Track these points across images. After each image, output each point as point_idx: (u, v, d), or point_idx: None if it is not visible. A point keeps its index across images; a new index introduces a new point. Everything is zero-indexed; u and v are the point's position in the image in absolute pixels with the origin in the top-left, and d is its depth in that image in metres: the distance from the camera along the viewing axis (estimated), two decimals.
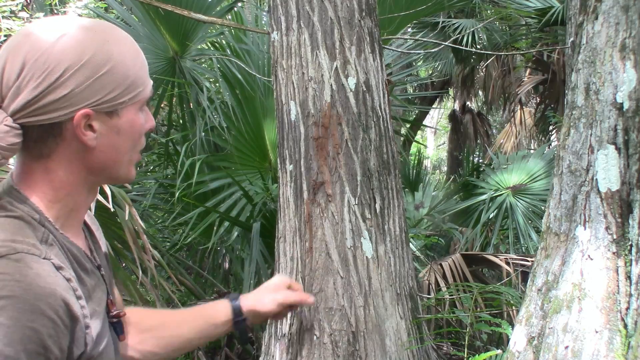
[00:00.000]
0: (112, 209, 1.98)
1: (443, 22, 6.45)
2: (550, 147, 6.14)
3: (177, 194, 2.85)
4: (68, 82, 0.79)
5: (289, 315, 1.67)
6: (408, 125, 7.60)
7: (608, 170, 1.36)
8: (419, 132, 13.31)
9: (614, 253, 1.33)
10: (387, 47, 3.46)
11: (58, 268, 0.77)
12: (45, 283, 0.73)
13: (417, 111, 7.76)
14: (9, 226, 0.77)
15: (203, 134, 3.15)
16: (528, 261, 2.55)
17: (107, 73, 0.82)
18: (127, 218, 2.02)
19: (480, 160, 6.30)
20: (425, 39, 4.43)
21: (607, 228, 1.34)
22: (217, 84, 3.62)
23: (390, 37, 3.47)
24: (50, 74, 0.78)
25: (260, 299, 1.30)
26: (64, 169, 0.83)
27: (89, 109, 0.81)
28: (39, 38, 0.79)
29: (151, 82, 0.90)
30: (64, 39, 0.80)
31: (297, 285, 1.37)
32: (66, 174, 0.84)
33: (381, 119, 1.73)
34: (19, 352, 0.69)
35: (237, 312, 1.26)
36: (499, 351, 1.59)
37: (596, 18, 1.43)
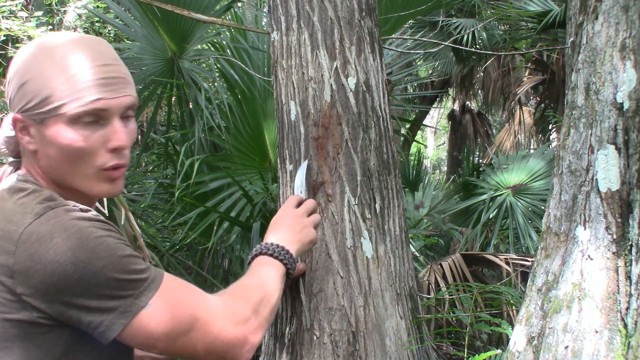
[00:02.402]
0: (107, 214, 1.98)
1: (443, 21, 6.44)
2: (550, 147, 6.14)
3: (176, 194, 2.85)
4: (8, 90, 0.91)
5: (288, 315, 1.67)
6: (408, 126, 7.60)
7: (608, 170, 1.36)
8: (419, 132, 13.30)
9: (614, 253, 1.32)
10: (387, 47, 3.46)
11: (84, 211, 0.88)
12: (84, 216, 0.85)
13: (417, 111, 7.76)
14: (35, 197, 0.86)
15: (202, 134, 3.15)
16: (528, 261, 2.55)
17: (25, 84, 0.89)
18: (122, 222, 2.03)
19: (480, 160, 6.30)
20: (425, 39, 4.43)
21: (607, 228, 1.34)
22: (216, 84, 3.61)
23: (390, 37, 3.47)
24: (6, 83, 0.92)
25: None
26: (31, 167, 0.93)
27: (19, 114, 0.90)
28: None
29: (89, 98, 0.87)
30: (18, 53, 0.92)
31: None
32: (34, 172, 0.93)
33: (381, 119, 1.73)
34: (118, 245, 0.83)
35: None
36: (499, 351, 1.59)
37: (596, 18, 1.43)
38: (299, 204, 1.32)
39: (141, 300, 0.83)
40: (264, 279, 1.07)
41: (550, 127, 8.54)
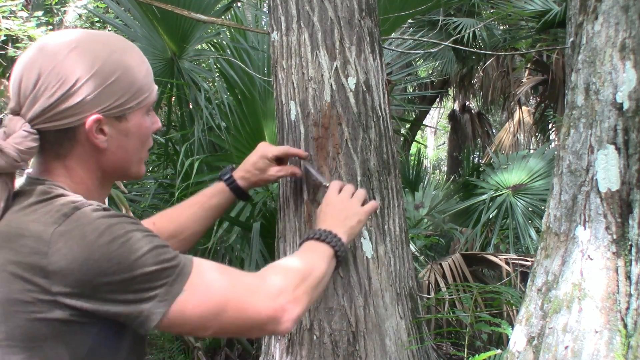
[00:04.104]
0: None
1: (443, 20, 6.44)
2: (550, 147, 6.14)
3: (176, 194, 2.85)
4: (80, 91, 0.87)
5: None
6: (408, 126, 7.60)
7: (608, 170, 1.36)
8: (419, 132, 13.30)
9: (614, 253, 1.33)
10: (387, 47, 3.46)
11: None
12: (109, 214, 0.86)
13: (417, 111, 7.75)
14: (60, 199, 0.86)
15: (202, 134, 3.15)
16: (528, 261, 2.55)
17: (115, 81, 0.90)
18: None
19: (480, 160, 6.29)
20: (425, 39, 4.43)
21: (607, 228, 1.34)
22: (216, 84, 3.61)
23: (390, 37, 3.46)
24: (63, 84, 0.87)
25: (247, 157, 1.49)
26: (81, 167, 0.92)
27: (100, 114, 0.90)
28: (52, 51, 0.88)
29: (156, 87, 0.98)
30: (75, 51, 0.88)
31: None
32: (83, 171, 0.93)
33: (381, 119, 1.73)
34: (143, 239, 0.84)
35: (224, 174, 1.45)
36: (499, 351, 1.59)
37: (596, 18, 1.43)
38: (340, 189, 1.37)
39: (175, 288, 0.85)
40: (306, 256, 1.10)
41: (550, 127, 8.55)
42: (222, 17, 3.49)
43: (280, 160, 1.51)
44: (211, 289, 0.89)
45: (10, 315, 0.80)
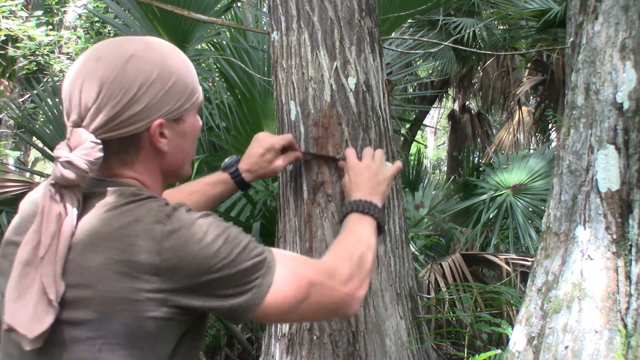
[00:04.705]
0: None
1: (443, 20, 6.44)
2: (550, 147, 6.14)
3: None
4: (143, 98, 0.90)
5: None
6: (408, 126, 7.60)
7: (608, 170, 1.36)
8: (419, 132, 13.31)
9: (613, 253, 1.33)
10: (387, 47, 3.46)
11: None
12: (202, 214, 0.90)
13: (417, 111, 7.75)
14: (155, 201, 0.90)
15: (202, 134, 3.15)
16: (528, 261, 2.55)
17: (173, 85, 0.94)
18: None
19: (480, 160, 6.29)
20: (425, 39, 4.42)
21: (607, 228, 1.34)
22: (216, 84, 3.61)
23: (390, 37, 3.46)
24: (127, 92, 0.89)
25: (249, 149, 1.50)
26: (147, 172, 0.96)
27: (162, 118, 0.93)
28: (110, 61, 0.90)
29: (200, 87, 1.02)
30: (133, 59, 0.91)
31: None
32: (150, 175, 0.97)
33: (381, 119, 1.73)
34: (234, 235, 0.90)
35: (229, 166, 1.46)
36: (499, 351, 1.59)
37: (596, 18, 1.43)
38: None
39: (267, 279, 0.91)
40: (359, 236, 1.17)
41: (550, 127, 8.56)
42: (222, 17, 3.49)
43: (283, 149, 1.54)
44: (297, 278, 0.95)
45: (114, 314, 0.81)
